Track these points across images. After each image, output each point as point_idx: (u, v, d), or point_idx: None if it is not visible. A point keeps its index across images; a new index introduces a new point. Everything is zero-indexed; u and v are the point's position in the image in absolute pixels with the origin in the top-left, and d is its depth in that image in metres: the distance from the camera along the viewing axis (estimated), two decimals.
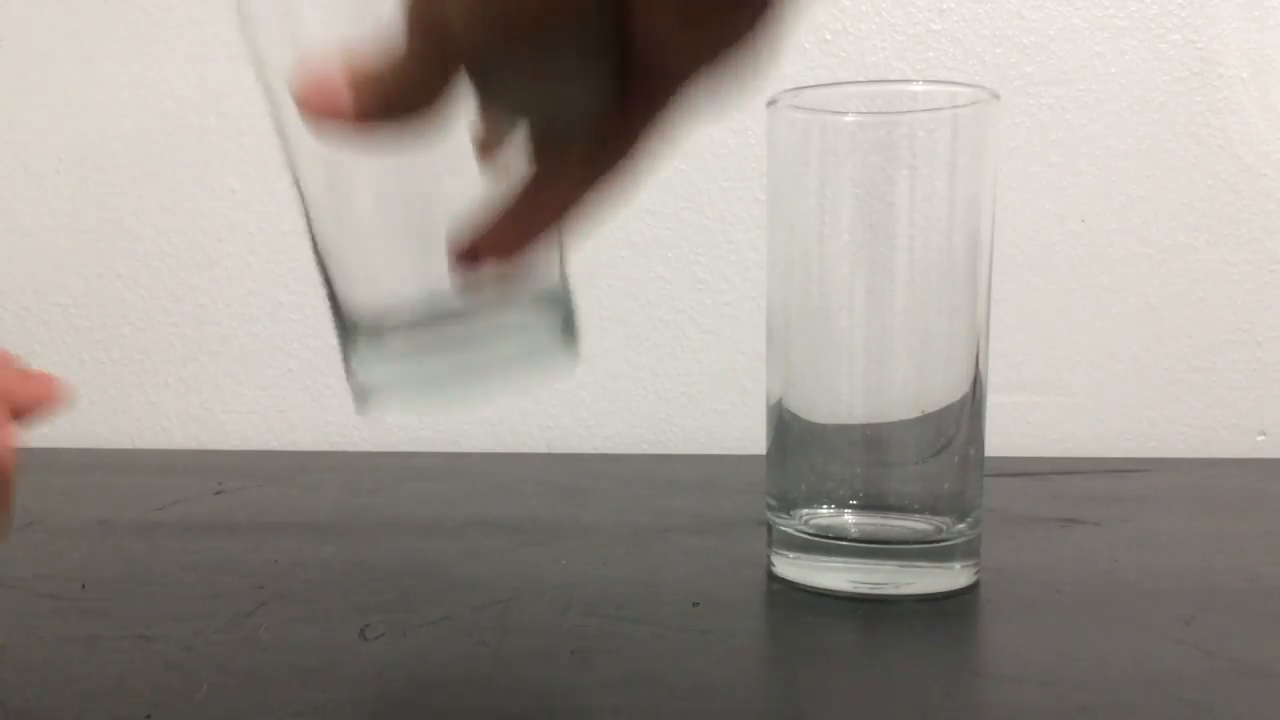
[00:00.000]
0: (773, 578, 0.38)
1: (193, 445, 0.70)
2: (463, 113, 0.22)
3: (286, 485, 0.56)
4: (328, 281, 0.29)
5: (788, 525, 0.38)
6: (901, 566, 0.36)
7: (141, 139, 0.68)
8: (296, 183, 0.31)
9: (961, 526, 0.37)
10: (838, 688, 0.29)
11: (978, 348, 0.37)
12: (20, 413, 0.24)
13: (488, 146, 0.25)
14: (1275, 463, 0.62)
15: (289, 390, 0.69)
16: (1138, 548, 0.44)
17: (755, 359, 0.42)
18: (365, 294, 0.28)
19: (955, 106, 0.36)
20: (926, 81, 0.38)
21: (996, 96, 0.36)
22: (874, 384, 0.38)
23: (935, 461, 0.37)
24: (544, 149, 0.23)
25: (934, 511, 0.37)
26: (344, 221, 0.29)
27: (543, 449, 0.68)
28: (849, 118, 0.37)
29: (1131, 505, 0.51)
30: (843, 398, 0.38)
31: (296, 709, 0.27)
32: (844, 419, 0.38)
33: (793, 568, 0.38)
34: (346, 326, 0.28)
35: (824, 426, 0.38)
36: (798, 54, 0.65)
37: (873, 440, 0.38)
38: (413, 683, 0.30)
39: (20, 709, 0.27)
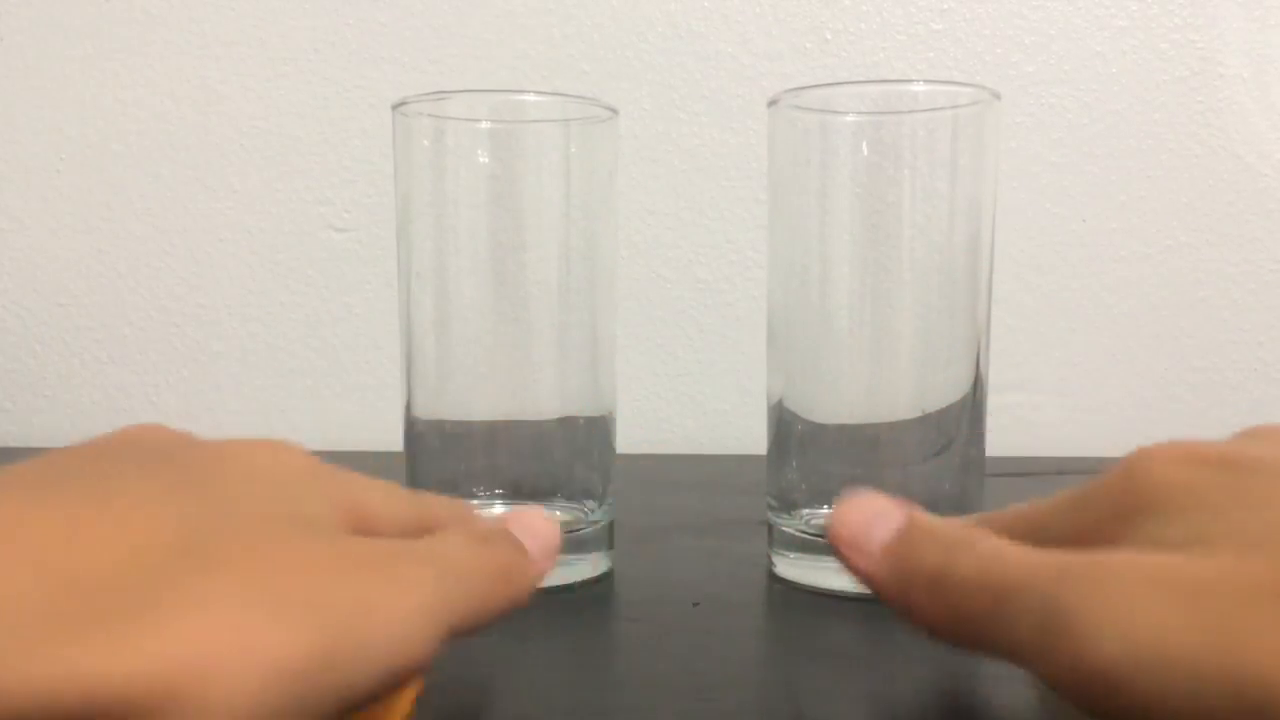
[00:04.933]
0: (773, 578, 0.38)
1: None
2: None
3: None
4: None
5: (788, 525, 0.38)
6: None
7: (141, 139, 0.68)
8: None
9: None
10: (838, 688, 0.29)
11: (978, 348, 0.37)
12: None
13: None
14: None
15: (289, 390, 0.69)
16: None
17: (755, 359, 0.42)
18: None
19: (955, 106, 0.36)
20: (926, 81, 0.38)
21: (997, 96, 0.36)
22: (874, 384, 0.38)
23: (935, 461, 0.37)
24: None
25: (935, 511, 0.37)
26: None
27: None
28: (849, 118, 0.37)
29: None
30: (843, 398, 0.38)
31: None
32: (844, 419, 0.38)
33: (793, 568, 0.38)
34: None
35: (824, 426, 0.38)
36: (798, 54, 0.65)
37: (873, 440, 0.38)
38: None
39: None
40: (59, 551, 0.16)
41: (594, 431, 0.39)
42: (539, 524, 0.26)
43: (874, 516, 0.24)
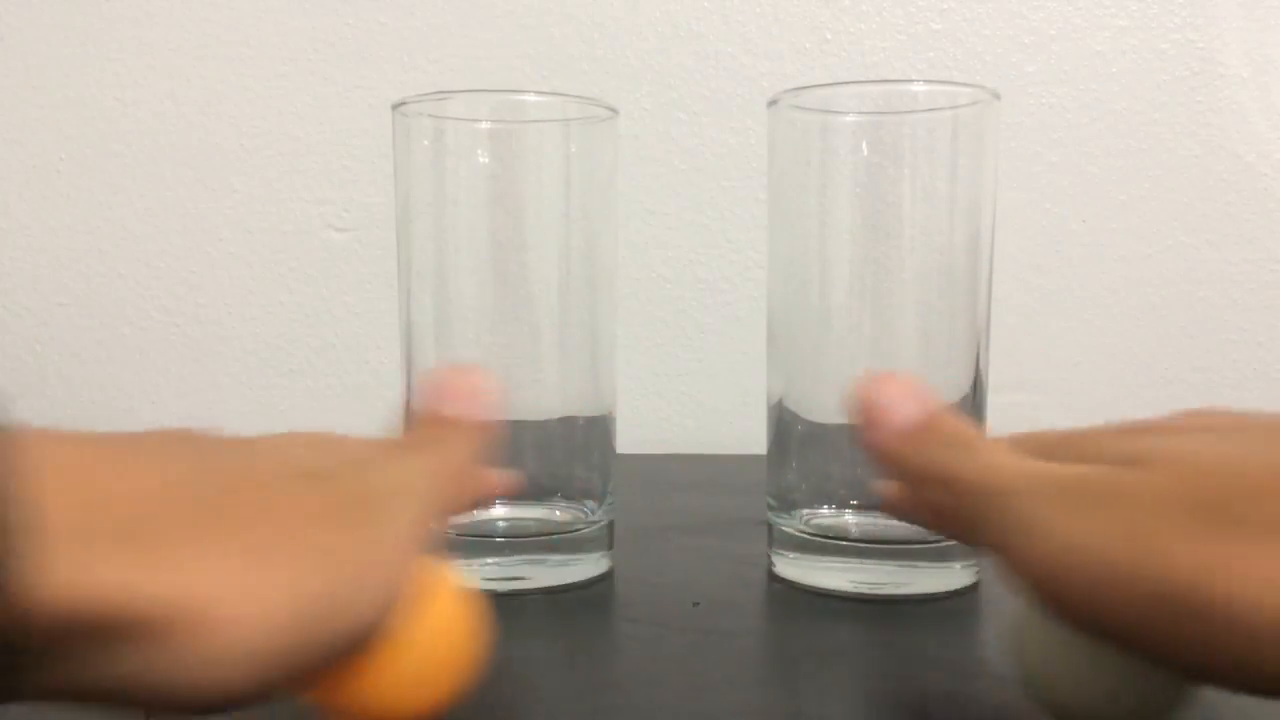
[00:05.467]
0: (773, 578, 0.38)
1: None
2: None
3: None
4: None
5: (788, 525, 0.38)
6: (901, 566, 0.36)
7: (141, 139, 0.68)
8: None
9: None
10: (838, 688, 0.29)
11: (978, 348, 0.37)
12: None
13: None
14: None
15: (289, 390, 0.69)
16: None
17: (755, 359, 0.42)
18: None
19: (955, 106, 0.36)
20: (926, 81, 0.38)
21: (997, 96, 0.36)
22: None
23: None
24: None
25: None
26: None
27: None
28: (849, 118, 0.37)
29: None
30: (843, 398, 0.38)
31: (297, 708, 0.27)
32: (844, 419, 0.38)
33: (793, 568, 0.38)
34: None
35: (824, 426, 0.38)
36: (798, 54, 0.65)
37: None
38: None
39: (20, 709, 0.27)
40: (83, 483, 0.17)
41: (594, 431, 0.39)
42: (461, 384, 0.28)
43: (902, 400, 0.26)
